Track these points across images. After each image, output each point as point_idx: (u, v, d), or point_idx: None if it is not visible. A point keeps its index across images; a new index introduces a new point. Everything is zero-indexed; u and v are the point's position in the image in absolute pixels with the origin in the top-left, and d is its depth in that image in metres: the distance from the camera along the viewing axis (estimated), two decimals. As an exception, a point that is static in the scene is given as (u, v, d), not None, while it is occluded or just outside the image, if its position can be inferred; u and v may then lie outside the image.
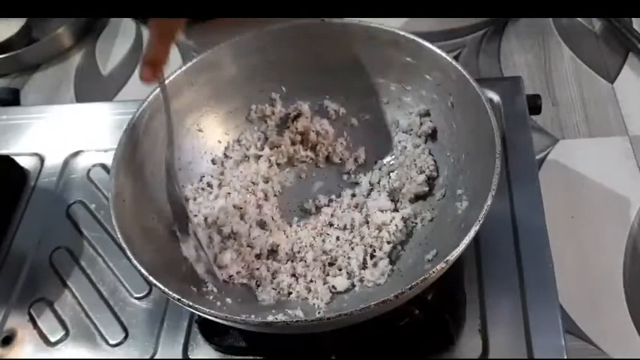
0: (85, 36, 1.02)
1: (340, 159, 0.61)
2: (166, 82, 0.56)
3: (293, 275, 0.54)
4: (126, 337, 0.57)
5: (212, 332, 0.54)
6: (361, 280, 0.52)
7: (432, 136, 0.58)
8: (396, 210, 0.56)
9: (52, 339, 0.58)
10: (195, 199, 0.58)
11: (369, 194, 0.58)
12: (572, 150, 0.74)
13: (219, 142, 0.62)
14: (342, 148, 0.62)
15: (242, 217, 0.57)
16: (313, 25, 0.58)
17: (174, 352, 0.55)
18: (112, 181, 0.50)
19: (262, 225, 0.57)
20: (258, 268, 0.55)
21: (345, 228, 0.56)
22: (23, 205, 0.68)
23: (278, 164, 0.62)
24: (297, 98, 0.63)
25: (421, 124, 0.58)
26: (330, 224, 0.57)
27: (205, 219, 0.56)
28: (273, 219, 0.58)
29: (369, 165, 0.61)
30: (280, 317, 0.48)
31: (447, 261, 0.42)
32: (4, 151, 0.73)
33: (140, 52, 0.98)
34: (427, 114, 0.58)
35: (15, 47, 0.97)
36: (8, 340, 0.58)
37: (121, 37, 1.02)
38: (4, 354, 0.58)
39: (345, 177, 0.61)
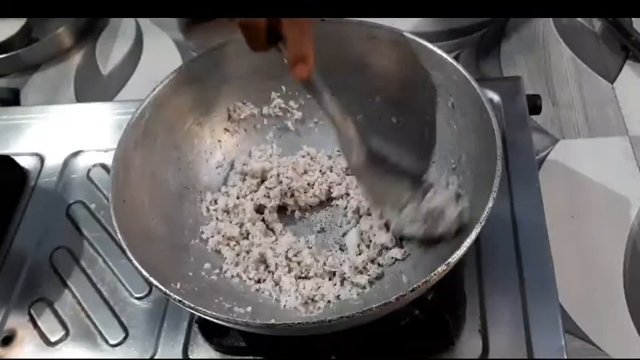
0: (85, 36, 1.02)
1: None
2: (167, 81, 0.56)
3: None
4: (126, 337, 0.57)
5: (212, 332, 0.54)
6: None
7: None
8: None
9: (52, 339, 0.58)
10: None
11: None
12: (572, 150, 0.74)
13: (219, 141, 0.62)
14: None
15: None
16: (313, 25, 0.58)
17: (174, 352, 0.55)
18: (112, 182, 0.50)
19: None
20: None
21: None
22: (23, 205, 0.68)
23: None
24: (297, 98, 0.63)
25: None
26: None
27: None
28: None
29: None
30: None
31: (448, 263, 0.42)
32: (4, 151, 0.73)
33: (140, 53, 0.98)
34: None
35: (15, 47, 0.97)
36: (8, 340, 0.58)
37: (121, 37, 1.02)
38: (4, 354, 0.58)
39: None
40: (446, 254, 0.43)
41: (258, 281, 0.54)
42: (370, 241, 0.54)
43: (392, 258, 0.53)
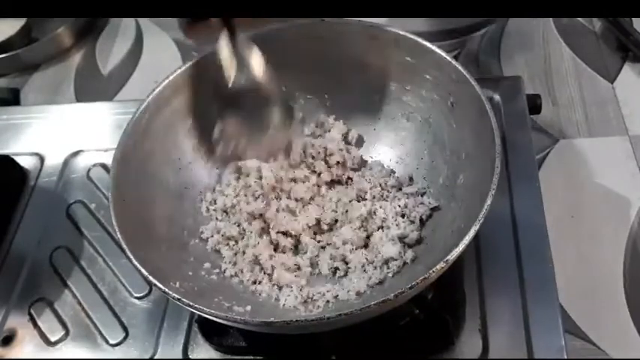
0: (85, 36, 1.02)
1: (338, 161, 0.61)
2: (166, 81, 0.56)
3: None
4: (126, 337, 0.57)
5: (212, 332, 0.54)
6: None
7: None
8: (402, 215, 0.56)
9: (52, 339, 0.58)
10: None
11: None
12: (572, 150, 0.74)
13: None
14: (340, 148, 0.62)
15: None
16: (313, 25, 0.58)
17: (174, 352, 0.55)
18: (112, 181, 0.50)
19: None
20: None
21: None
22: (23, 205, 0.68)
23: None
24: (297, 98, 0.63)
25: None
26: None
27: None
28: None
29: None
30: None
31: (446, 261, 0.42)
32: (4, 151, 0.73)
33: (140, 53, 0.98)
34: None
35: (15, 47, 0.97)
36: (8, 340, 0.58)
37: (121, 37, 1.02)
38: (4, 354, 0.58)
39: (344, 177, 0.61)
40: (445, 252, 0.43)
41: (255, 282, 0.54)
42: (379, 252, 0.54)
43: (398, 266, 0.53)
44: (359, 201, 0.58)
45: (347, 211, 0.57)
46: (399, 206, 0.56)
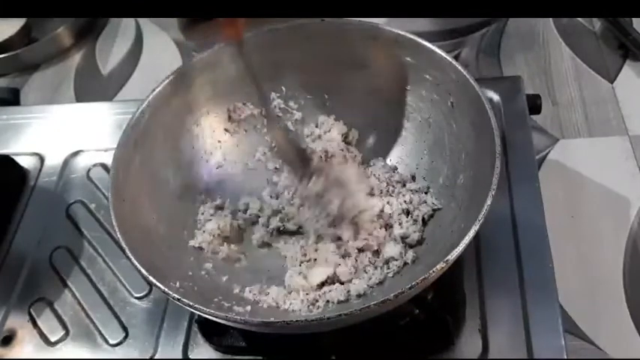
0: (85, 36, 1.02)
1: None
2: (166, 81, 0.56)
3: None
4: (126, 337, 0.57)
5: (212, 332, 0.54)
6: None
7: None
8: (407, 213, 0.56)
9: (52, 339, 0.58)
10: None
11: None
12: (572, 150, 0.74)
13: (219, 141, 0.62)
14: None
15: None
16: (313, 25, 0.58)
17: (174, 352, 0.55)
18: (112, 181, 0.50)
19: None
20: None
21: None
22: (23, 205, 0.68)
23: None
24: (297, 98, 0.63)
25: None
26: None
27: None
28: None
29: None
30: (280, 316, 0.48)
31: (446, 261, 0.42)
32: (4, 151, 0.73)
33: (140, 53, 0.98)
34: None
35: (15, 47, 0.97)
36: (8, 340, 0.58)
37: (121, 37, 1.02)
38: (4, 354, 0.58)
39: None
40: (445, 253, 0.43)
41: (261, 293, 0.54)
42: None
43: (398, 266, 0.52)
44: None
45: None
46: (405, 202, 0.56)
